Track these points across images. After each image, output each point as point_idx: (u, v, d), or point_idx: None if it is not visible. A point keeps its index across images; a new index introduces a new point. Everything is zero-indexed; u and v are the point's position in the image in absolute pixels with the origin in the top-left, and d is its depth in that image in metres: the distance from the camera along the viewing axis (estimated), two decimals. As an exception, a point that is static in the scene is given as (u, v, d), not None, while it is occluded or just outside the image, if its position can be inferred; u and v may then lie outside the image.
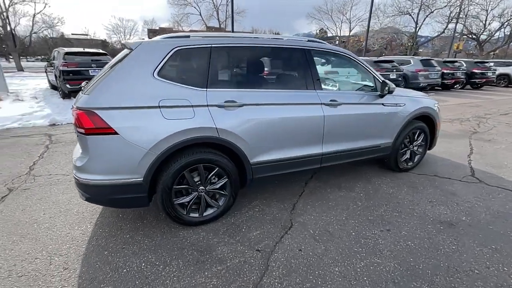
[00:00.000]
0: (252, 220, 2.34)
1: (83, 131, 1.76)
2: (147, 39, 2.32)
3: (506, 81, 15.72)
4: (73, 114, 1.81)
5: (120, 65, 1.88)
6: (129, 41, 1.97)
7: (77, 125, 1.79)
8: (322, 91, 2.49)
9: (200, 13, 33.19)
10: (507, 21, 27.46)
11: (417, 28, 28.99)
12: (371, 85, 2.89)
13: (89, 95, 1.82)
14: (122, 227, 2.22)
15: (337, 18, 36.87)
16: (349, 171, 3.37)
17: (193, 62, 2.09)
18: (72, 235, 2.13)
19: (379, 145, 2.94)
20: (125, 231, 2.18)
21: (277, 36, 2.66)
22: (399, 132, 3.04)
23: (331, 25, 37.95)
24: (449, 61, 13.24)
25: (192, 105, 1.95)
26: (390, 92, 2.73)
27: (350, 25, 36.51)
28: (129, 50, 1.94)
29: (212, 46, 2.09)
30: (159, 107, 1.87)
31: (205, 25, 33.67)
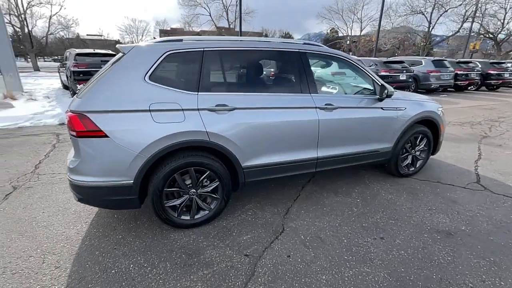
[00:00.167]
0: (244, 224, 2.33)
1: (74, 133, 1.80)
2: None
3: (524, 82, 15.07)
4: (66, 117, 1.86)
5: (112, 69, 1.92)
6: (122, 45, 2.00)
7: (69, 127, 1.84)
8: (317, 94, 2.45)
9: (210, 13, 33.46)
10: (527, 20, 26.32)
11: (430, 27, 28.15)
12: (371, 88, 2.82)
13: (81, 98, 1.86)
14: (116, 228, 2.27)
15: (348, 17, 36.32)
16: (348, 176, 3.31)
17: (185, 66, 2.10)
18: (67, 234, 2.18)
19: (378, 150, 2.87)
20: (118, 231, 2.22)
21: (271, 38, 2.65)
22: (399, 137, 2.96)
23: (342, 24, 37.42)
24: (463, 62, 12.81)
25: (182, 109, 1.97)
26: (388, 96, 2.66)
27: (361, 25, 35.90)
28: (122, 54, 1.97)
29: (204, 50, 2.10)
30: (149, 110, 1.89)
31: (215, 25, 33.88)
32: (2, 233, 2.19)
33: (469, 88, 13.14)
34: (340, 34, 40.96)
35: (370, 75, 2.74)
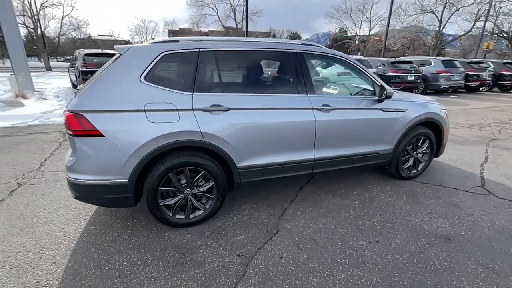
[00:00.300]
0: (239, 224, 2.34)
1: (71, 132, 1.85)
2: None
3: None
4: (64, 116, 1.90)
5: (109, 69, 1.95)
6: (119, 46, 2.04)
7: (66, 127, 1.88)
8: (314, 95, 2.43)
9: (217, 14, 33.63)
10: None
11: (441, 27, 27.43)
12: (371, 89, 2.78)
13: (78, 98, 1.90)
14: (113, 225, 2.30)
15: (357, 17, 35.81)
16: (347, 178, 3.27)
17: (181, 66, 2.12)
18: (66, 230, 2.23)
19: (377, 151, 2.83)
20: (115, 229, 2.26)
21: (269, 39, 2.64)
22: (400, 139, 2.90)
23: (350, 24, 36.93)
24: (474, 62, 12.48)
25: (177, 109, 1.98)
26: (387, 97, 2.61)
27: (370, 24, 35.34)
28: (119, 55, 2.00)
29: (200, 51, 2.11)
30: (144, 110, 1.91)
31: (222, 25, 34.04)
32: (4, 228, 2.26)
33: (481, 89, 12.79)
34: (349, 34, 40.50)
35: (370, 75, 2.70)
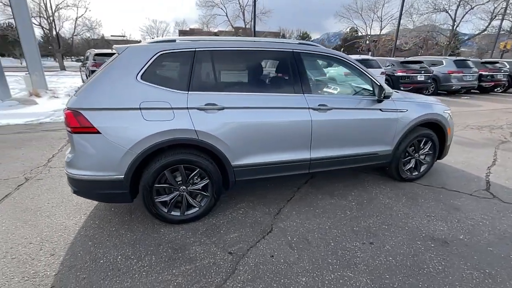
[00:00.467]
0: (233, 222, 2.36)
1: (70, 129, 1.91)
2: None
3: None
4: (63, 114, 1.97)
5: (107, 68, 2.01)
6: (117, 46, 2.09)
7: (65, 124, 1.95)
8: (310, 95, 2.42)
9: (227, 14, 33.81)
10: None
11: (455, 26, 26.54)
12: (370, 89, 2.74)
13: (77, 96, 1.96)
14: (111, 220, 2.37)
15: (368, 16, 35.18)
16: (347, 178, 3.24)
17: (177, 65, 2.15)
18: (66, 224, 2.31)
19: (376, 152, 2.79)
20: (112, 224, 2.32)
21: (266, 38, 2.64)
22: (400, 140, 2.85)
23: (361, 23, 36.32)
24: (489, 62, 12.07)
25: (172, 108, 2.02)
26: (386, 97, 2.57)
27: (381, 24, 34.63)
28: (117, 54, 2.06)
29: (196, 50, 2.14)
30: (139, 109, 1.96)
31: (231, 25, 34.19)
32: (9, 220, 2.36)
33: (495, 90, 12.36)
34: (360, 34, 39.89)
35: (369, 75, 2.66)
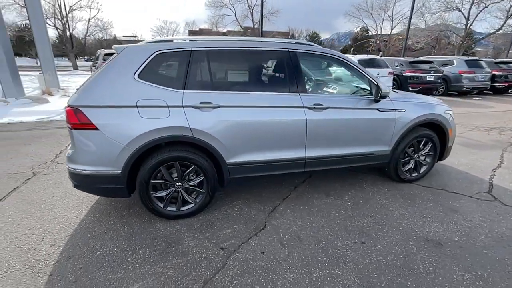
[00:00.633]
0: (228, 219, 2.40)
1: (70, 126, 2.00)
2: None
3: None
4: (64, 111, 2.06)
5: (106, 67, 2.09)
6: (116, 46, 2.17)
7: (67, 120, 2.04)
8: (306, 94, 2.44)
9: (235, 14, 33.99)
10: None
11: (468, 25, 25.70)
12: (368, 88, 2.73)
13: (77, 94, 2.05)
14: (111, 214, 2.45)
15: (378, 15, 34.58)
16: (346, 178, 3.23)
17: (173, 65, 2.21)
18: (68, 217, 2.41)
19: (373, 152, 2.77)
20: (111, 218, 2.40)
21: (262, 38, 2.67)
22: (398, 140, 2.83)
23: (371, 23, 35.73)
24: (503, 62, 11.70)
25: (167, 106, 2.08)
26: (382, 97, 2.56)
27: (392, 23, 33.99)
28: (116, 54, 2.13)
29: (192, 50, 2.19)
30: (136, 106, 2.03)
31: (240, 25, 34.33)
32: (15, 212, 2.47)
33: (510, 91, 11.97)
34: (370, 33, 39.27)
35: (366, 75, 2.65)
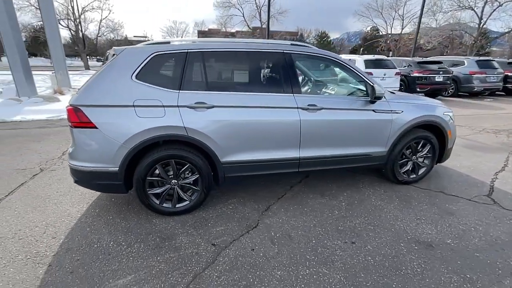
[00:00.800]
0: (221, 217, 2.45)
1: (71, 124, 2.10)
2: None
3: None
4: (66, 110, 2.16)
5: (105, 68, 2.17)
6: (116, 47, 2.25)
7: (67, 119, 2.13)
8: (300, 95, 2.46)
9: (243, 14, 34.15)
10: None
11: (481, 24, 24.90)
12: (364, 89, 2.74)
13: (78, 94, 2.15)
14: (110, 209, 2.55)
15: (389, 15, 33.99)
16: (342, 179, 3.23)
17: (170, 66, 2.28)
18: (70, 211, 2.52)
19: (369, 153, 2.78)
20: (110, 213, 2.50)
21: (258, 40, 2.71)
22: (395, 141, 2.82)
23: (381, 22, 35.16)
24: (517, 62, 11.34)
25: (163, 105, 2.15)
26: (377, 98, 2.56)
27: (403, 22, 33.34)
28: (115, 55, 2.22)
29: (189, 51, 2.26)
30: (133, 106, 2.11)
31: (248, 26, 34.44)
32: (21, 206, 2.60)
33: (524, 92, 11.59)
34: (381, 33, 38.68)
35: (362, 76, 2.66)
